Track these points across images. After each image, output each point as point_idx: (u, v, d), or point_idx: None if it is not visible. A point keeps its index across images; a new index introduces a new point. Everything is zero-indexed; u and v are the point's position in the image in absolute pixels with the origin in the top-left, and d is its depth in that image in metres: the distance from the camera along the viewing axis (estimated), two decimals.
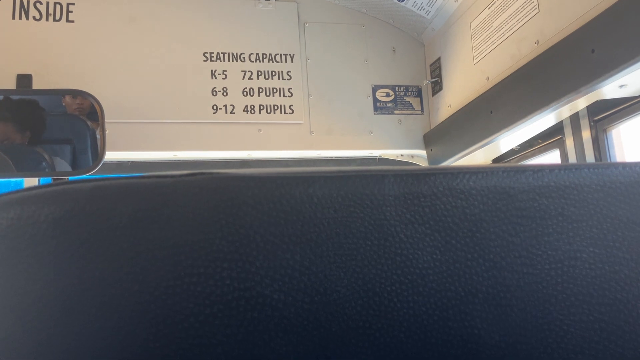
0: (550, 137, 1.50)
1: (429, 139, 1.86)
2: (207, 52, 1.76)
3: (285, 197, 0.33)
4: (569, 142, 1.43)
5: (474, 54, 1.60)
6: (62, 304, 0.31)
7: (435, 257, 0.34)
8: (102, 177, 0.34)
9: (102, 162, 1.51)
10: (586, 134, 1.37)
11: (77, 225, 0.32)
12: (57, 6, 1.68)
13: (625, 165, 0.38)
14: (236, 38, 1.79)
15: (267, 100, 1.78)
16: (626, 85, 1.12)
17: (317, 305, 0.32)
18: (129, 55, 1.70)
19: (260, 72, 1.80)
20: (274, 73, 1.80)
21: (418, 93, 1.91)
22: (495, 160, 1.73)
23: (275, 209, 0.33)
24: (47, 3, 1.67)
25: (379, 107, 1.87)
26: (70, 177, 1.50)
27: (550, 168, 0.37)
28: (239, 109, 1.76)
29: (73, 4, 1.69)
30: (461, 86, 1.69)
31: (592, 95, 1.17)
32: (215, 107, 1.74)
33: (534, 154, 1.59)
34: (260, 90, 1.79)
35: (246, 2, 1.82)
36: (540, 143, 1.55)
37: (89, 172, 1.50)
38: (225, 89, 1.76)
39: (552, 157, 1.53)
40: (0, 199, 0.33)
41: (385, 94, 1.88)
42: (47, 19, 1.66)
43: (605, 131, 1.35)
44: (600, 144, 1.35)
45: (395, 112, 1.88)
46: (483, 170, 0.36)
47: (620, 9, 1.04)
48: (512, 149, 1.63)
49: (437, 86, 1.85)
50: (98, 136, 1.51)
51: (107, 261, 0.31)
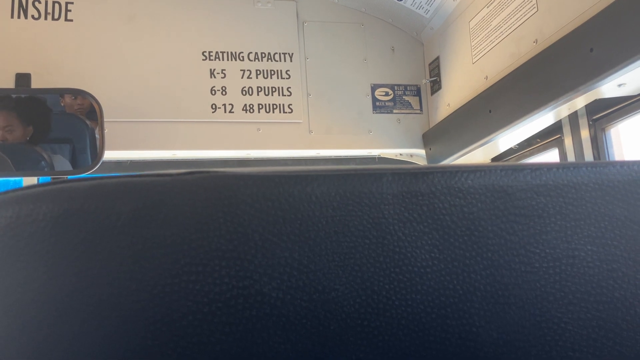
0: (549, 136, 1.50)
1: (428, 138, 1.86)
2: (206, 51, 1.76)
3: (283, 195, 0.33)
4: (568, 141, 1.43)
5: (473, 53, 1.60)
6: (61, 302, 0.31)
7: (433, 256, 0.34)
8: (100, 176, 0.34)
9: (101, 161, 1.51)
10: (585, 133, 1.37)
11: (76, 224, 0.32)
12: (56, 5, 1.68)
13: (623, 164, 0.38)
14: (235, 37, 1.79)
15: (266, 100, 1.78)
16: (625, 84, 1.12)
17: (315, 303, 0.32)
18: (128, 54, 1.70)
19: (259, 71, 1.79)
20: (272, 72, 1.80)
21: (417, 92, 1.91)
22: (494, 159, 1.73)
23: (273, 208, 0.33)
24: (46, 2, 1.67)
25: (378, 106, 1.87)
26: (69, 177, 1.49)
27: (549, 167, 0.37)
28: (237, 108, 1.75)
29: (72, 2, 1.69)
30: (460, 85, 1.69)
31: (590, 94, 1.17)
32: (214, 106, 1.74)
33: (532, 153, 1.59)
34: (259, 89, 1.78)
35: (245, 1, 1.82)
36: (539, 142, 1.55)
37: (88, 171, 1.50)
38: (224, 88, 1.75)
39: (551, 156, 1.53)
40: None
41: (384, 93, 1.88)
42: (45, 18, 1.66)
43: (603, 130, 1.35)
44: (598, 143, 1.35)
45: (394, 111, 1.88)
46: (481, 169, 0.36)
47: (618, 8, 1.04)
48: (511, 148, 1.63)
49: (436, 85, 1.85)
50: (97, 135, 1.51)
51: (105, 259, 0.32)
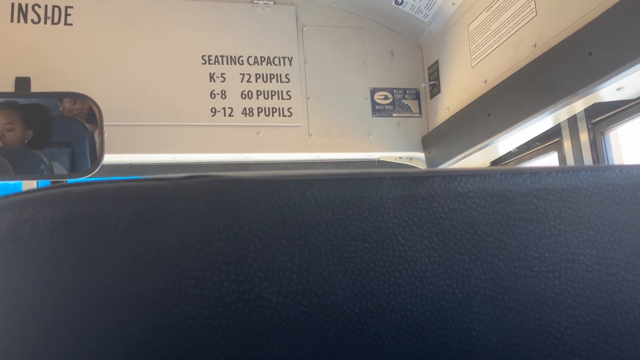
0: (549, 139, 1.50)
1: (427, 142, 1.87)
2: (205, 55, 1.76)
3: (283, 199, 0.33)
4: (567, 144, 1.43)
5: (472, 57, 1.60)
6: (61, 306, 0.31)
7: (433, 260, 0.34)
8: (100, 180, 0.34)
9: (101, 164, 1.51)
10: (584, 137, 1.38)
11: (76, 228, 0.32)
12: (56, 9, 1.68)
13: (622, 168, 0.38)
14: (234, 41, 1.79)
15: (265, 103, 1.78)
16: (623, 88, 1.12)
17: (315, 307, 0.32)
18: (127, 58, 1.70)
19: (259, 75, 1.80)
20: (272, 76, 1.81)
21: (416, 96, 1.92)
22: (493, 163, 1.73)
23: (273, 212, 0.33)
24: (46, 6, 1.67)
25: (377, 110, 1.87)
26: (69, 180, 1.49)
27: (548, 171, 0.37)
28: (237, 111, 1.76)
29: (71, 7, 1.69)
30: (459, 89, 1.69)
31: (589, 98, 1.17)
32: (213, 110, 1.74)
33: (532, 157, 1.59)
34: (259, 93, 1.79)
35: (244, 5, 1.82)
36: (538, 145, 1.55)
37: (87, 174, 1.50)
38: (223, 92, 1.76)
39: (550, 160, 1.53)
40: None
41: (383, 97, 1.88)
42: (45, 22, 1.67)
43: (603, 134, 1.35)
44: (598, 147, 1.35)
45: (394, 114, 1.89)
46: (481, 173, 0.36)
47: (616, 12, 1.05)
48: (510, 152, 1.63)
49: (435, 89, 1.85)
50: (96, 139, 1.51)
51: (105, 264, 0.32)
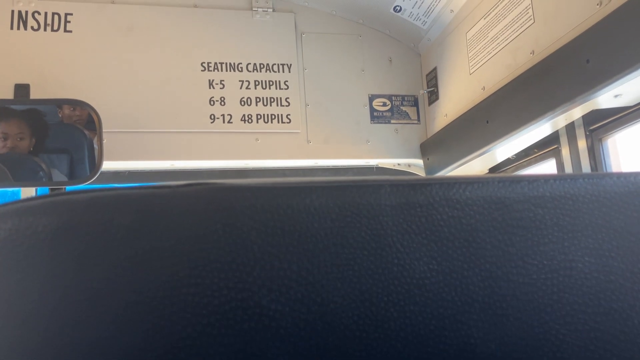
0: (546, 146, 1.50)
1: (426, 148, 1.87)
2: (204, 62, 1.77)
3: (282, 207, 0.33)
4: (565, 151, 1.43)
5: (470, 64, 1.61)
6: (59, 314, 0.31)
7: (431, 267, 0.34)
8: (99, 187, 0.34)
9: (100, 171, 1.51)
10: (582, 144, 1.38)
11: (75, 236, 0.32)
12: (55, 16, 1.68)
13: (620, 175, 0.38)
14: (234, 48, 1.80)
15: (264, 110, 1.79)
16: (621, 95, 1.12)
17: (314, 315, 0.32)
18: (126, 65, 1.70)
19: (258, 81, 1.80)
20: (271, 83, 1.81)
21: (414, 103, 1.92)
22: (491, 169, 1.73)
23: (272, 219, 0.33)
24: (45, 13, 1.68)
25: (375, 117, 1.87)
26: (68, 187, 1.49)
27: (546, 178, 0.37)
28: (236, 118, 1.76)
29: (71, 14, 1.69)
30: (457, 96, 1.70)
31: (587, 105, 1.17)
32: (212, 117, 1.74)
33: (530, 163, 1.60)
34: (258, 99, 1.79)
35: (243, 12, 1.83)
36: (536, 152, 1.56)
37: (86, 181, 1.50)
38: (222, 99, 1.76)
39: (548, 166, 1.53)
40: None
41: (381, 104, 1.89)
42: (45, 29, 1.67)
43: (600, 140, 1.35)
44: (595, 154, 1.35)
45: (392, 121, 1.89)
46: (479, 181, 0.36)
47: (614, 19, 1.05)
48: (508, 158, 1.63)
49: (433, 96, 1.85)
50: (95, 146, 1.52)
51: (104, 271, 0.32)
